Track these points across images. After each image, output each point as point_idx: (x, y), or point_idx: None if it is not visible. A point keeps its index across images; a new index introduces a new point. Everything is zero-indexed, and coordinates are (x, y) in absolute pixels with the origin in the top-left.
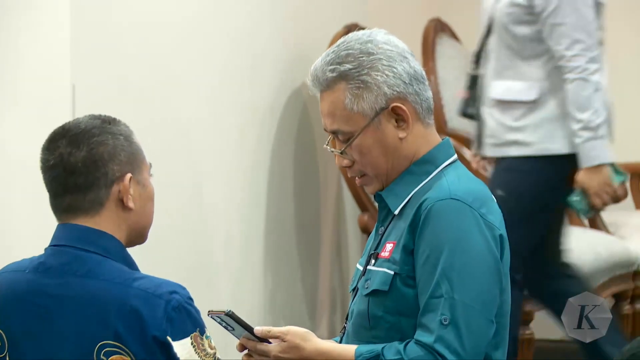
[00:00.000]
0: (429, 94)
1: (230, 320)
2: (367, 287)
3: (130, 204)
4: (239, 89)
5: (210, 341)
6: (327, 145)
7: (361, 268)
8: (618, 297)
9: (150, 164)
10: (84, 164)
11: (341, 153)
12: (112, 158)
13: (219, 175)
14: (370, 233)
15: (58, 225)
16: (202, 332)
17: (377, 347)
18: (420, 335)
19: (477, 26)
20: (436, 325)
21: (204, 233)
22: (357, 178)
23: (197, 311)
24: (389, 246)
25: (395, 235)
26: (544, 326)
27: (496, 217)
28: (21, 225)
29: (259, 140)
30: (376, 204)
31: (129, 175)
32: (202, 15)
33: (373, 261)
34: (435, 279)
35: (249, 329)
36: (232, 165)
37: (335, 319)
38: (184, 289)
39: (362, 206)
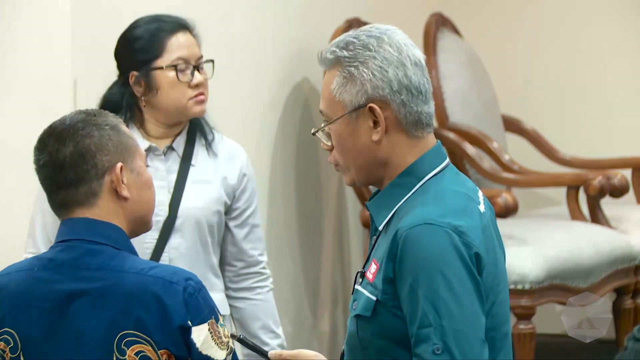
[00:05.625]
0: (423, 108)
1: (244, 344)
2: (354, 309)
3: (125, 193)
4: (240, 84)
5: (225, 329)
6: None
7: None
8: (619, 292)
9: (145, 153)
10: (72, 159)
11: (314, 133)
12: (100, 149)
13: None
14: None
15: (61, 222)
16: (217, 319)
17: None
18: None
19: (479, 20)
20: (430, 355)
21: None
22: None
23: (211, 298)
24: (373, 267)
25: (379, 254)
26: (545, 320)
27: (474, 234)
28: (22, 222)
29: (260, 135)
30: None
31: (119, 164)
32: (203, 11)
33: (360, 280)
34: (420, 309)
35: (262, 352)
36: None
37: (337, 315)
38: (196, 276)
39: (364, 201)
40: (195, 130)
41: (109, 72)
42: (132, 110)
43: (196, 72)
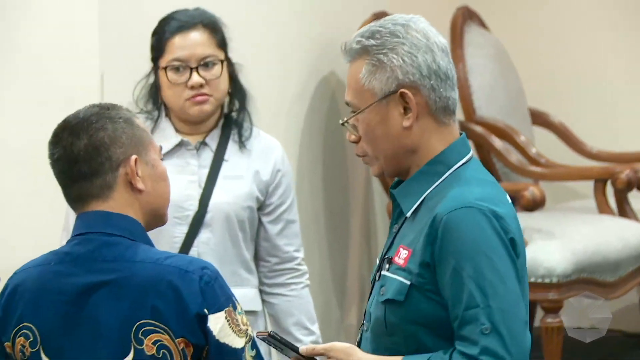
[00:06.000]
0: (450, 94)
1: (275, 341)
2: (382, 294)
3: (140, 185)
4: (267, 78)
5: (243, 317)
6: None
7: None
8: None
9: (160, 146)
10: (86, 152)
11: (343, 123)
12: (114, 142)
13: None
14: None
15: (77, 216)
16: (235, 307)
17: (424, 357)
18: (463, 347)
19: (504, 13)
20: (478, 336)
21: None
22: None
23: (228, 287)
24: (403, 252)
25: (409, 240)
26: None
27: (509, 220)
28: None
29: (287, 129)
30: None
31: (134, 157)
32: (231, 5)
33: (387, 266)
34: (466, 291)
35: (293, 348)
36: None
37: (364, 308)
38: (212, 265)
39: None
40: (230, 125)
41: (137, 67)
42: (162, 102)
43: (194, 73)
